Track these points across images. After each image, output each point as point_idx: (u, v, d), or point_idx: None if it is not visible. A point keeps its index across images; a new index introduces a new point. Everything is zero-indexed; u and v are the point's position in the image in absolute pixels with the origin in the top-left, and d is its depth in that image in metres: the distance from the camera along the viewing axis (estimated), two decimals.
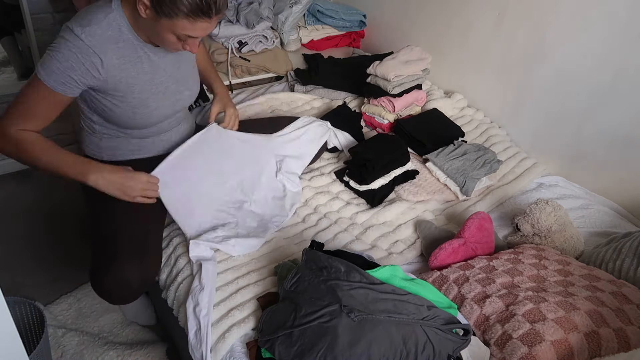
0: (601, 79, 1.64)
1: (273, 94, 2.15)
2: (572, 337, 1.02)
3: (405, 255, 1.46)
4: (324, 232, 1.51)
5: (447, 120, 1.96)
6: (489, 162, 1.71)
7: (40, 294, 1.82)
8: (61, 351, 1.63)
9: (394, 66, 1.91)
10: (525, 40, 1.86)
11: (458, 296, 1.20)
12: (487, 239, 1.39)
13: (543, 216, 1.41)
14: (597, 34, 1.62)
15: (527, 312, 1.08)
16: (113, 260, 1.24)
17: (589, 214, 1.63)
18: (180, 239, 1.44)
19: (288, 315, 1.03)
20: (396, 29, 2.47)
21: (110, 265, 1.23)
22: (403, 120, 1.91)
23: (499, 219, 1.62)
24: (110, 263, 1.24)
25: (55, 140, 2.58)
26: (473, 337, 1.09)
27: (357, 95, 2.20)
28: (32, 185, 2.41)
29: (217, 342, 1.18)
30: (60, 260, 1.98)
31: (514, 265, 1.25)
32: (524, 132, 1.96)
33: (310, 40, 2.59)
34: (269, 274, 1.34)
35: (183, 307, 1.27)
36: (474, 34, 2.05)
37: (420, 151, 1.81)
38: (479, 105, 2.14)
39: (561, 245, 1.43)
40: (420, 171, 1.73)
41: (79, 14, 1.23)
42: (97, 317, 1.75)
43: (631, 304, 1.12)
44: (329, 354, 0.94)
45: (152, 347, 1.64)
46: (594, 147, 1.73)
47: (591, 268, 1.27)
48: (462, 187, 1.66)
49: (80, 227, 2.10)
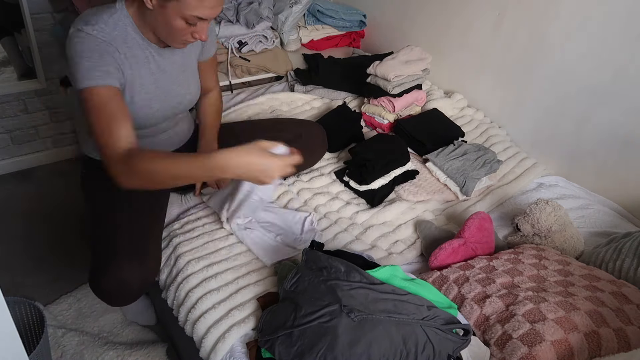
0: (601, 79, 1.64)
1: (273, 94, 2.15)
2: (572, 337, 1.02)
3: (405, 255, 1.46)
4: (324, 233, 1.51)
5: (447, 120, 1.96)
6: (489, 162, 1.71)
7: (40, 294, 1.82)
8: (61, 351, 1.63)
9: (394, 66, 1.91)
10: (525, 40, 1.86)
11: (458, 296, 1.20)
12: (487, 239, 1.39)
13: (543, 216, 1.41)
14: (597, 34, 1.62)
15: (527, 312, 1.08)
16: (112, 260, 1.23)
17: (589, 214, 1.63)
18: (181, 239, 1.44)
19: (288, 315, 1.03)
20: (396, 29, 2.47)
21: (109, 265, 1.23)
22: (403, 120, 1.91)
23: (499, 219, 1.62)
24: (110, 264, 1.23)
25: (55, 140, 2.56)
26: (473, 337, 1.09)
27: (357, 95, 2.20)
28: (32, 185, 2.41)
29: (217, 342, 1.18)
30: (60, 260, 1.98)
31: (514, 265, 1.25)
32: (524, 132, 1.96)
33: (310, 40, 2.59)
34: (269, 274, 1.34)
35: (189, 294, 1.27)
36: (474, 34, 2.05)
37: (420, 151, 1.81)
38: (479, 105, 2.14)
39: (561, 245, 1.43)
40: (420, 171, 1.73)
41: (82, 16, 1.21)
42: (97, 317, 1.75)
43: (631, 304, 1.12)
44: (329, 354, 0.94)
45: (152, 347, 1.64)
46: (594, 147, 1.73)
47: (591, 268, 1.27)
48: (462, 187, 1.66)
49: (80, 227, 2.10)
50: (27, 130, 2.44)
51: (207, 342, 1.20)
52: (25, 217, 2.19)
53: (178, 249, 1.41)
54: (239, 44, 2.22)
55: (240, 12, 2.22)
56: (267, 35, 2.27)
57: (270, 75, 2.36)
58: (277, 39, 2.38)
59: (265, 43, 2.28)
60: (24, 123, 2.42)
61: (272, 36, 2.29)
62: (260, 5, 2.24)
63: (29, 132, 2.45)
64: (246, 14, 2.20)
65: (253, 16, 2.19)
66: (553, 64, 1.78)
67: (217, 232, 1.46)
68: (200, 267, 1.36)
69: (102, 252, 1.28)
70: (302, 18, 2.58)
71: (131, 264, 1.24)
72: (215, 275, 1.33)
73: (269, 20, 2.28)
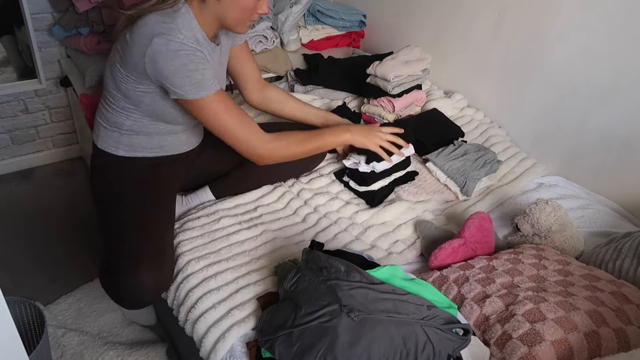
0: (601, 79, 1.65)
1: None
2: (572, 337, 1.02)
3: (405, 255, 1.46)
4: (324, 232, 1.51)
5: (447, 120, 1.96)
6: (489, 162, 1.71)
7: (40, 294, 1.82)
8: (61, 351, 1.63)
9: (394, 66, 1.91)
10: (525, 40, 1.86)
11: (458, 296, 1.20)
12: (487, 239, 1.39)
13: (543, 216, 1.41)
14: (597, 34, 1.62)
15: (527, 312, 1.08)
16: (136, 267, 1.23)
17: (589, 214, 1.63)
18: (181, 239, 1.44)
19: (288, 315, 1.03)
20: (396, 29, 2.47)
21: (131, 271, 1.23)
22: (403, 121, 1.91)
23: (499, 219, 1.62)
24: (133, 270, 1.23)
25: (55, 140, 2.57)
26: (473, 337, 1.09)
27: (357, 95, 2.20)
28: (32, 185, 2.41)
29: (217, 342, 1.18)
30: (60, 260, 1.98)
31: (513, 265, 1.25)
32: (524, 132, 1.96)
33: (310, 40, 2.59)
34: (269, 274, 1.34)
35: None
36: (474, 34, 2.05)
37: (420, 151, 1.81)
38: (479, 105, 2.14)
39: (561, 245, 1.43)
40: (420, 171, 1.73)
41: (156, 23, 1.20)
42: (97, 317, 1.75)
43: (631, 304, 1.12)
44: (329, 353, 0.94)
45: (152, 347, 1.64)
46: (594, 147, 1.73)
47: (591, 268, 1.27)
48: (462, 187, 1.66)
49: (81, 227, 2.10)
50: (27, 130, 2.45)
51: (207, 341, 1.20)
52: (25, 217, 2.19)
53: (178, 248, 1.41)
54: None
55: None
56: (267, 35, 2.27)
57: (270, 75, 2.36)
58: (277, 39, 2.38)
59: (265, 43, 2.28)
60: (24, 123, 2.42)
61: (272, 36, 2.29)
62: None
63: (29, 132, 2.46)
64: None
65: None
66: (553, 64, 1.78)
67: (217, 232, 1.46)
68: (200, 267, 1.36)
69: (122, 256, 1.27)
70: (302, 18, 2.58)
71: (153, 271, 1.25)
72: (215, 275, 1.33)
73: (269, 20, 2.28)
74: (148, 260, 1.25)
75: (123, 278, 1.23)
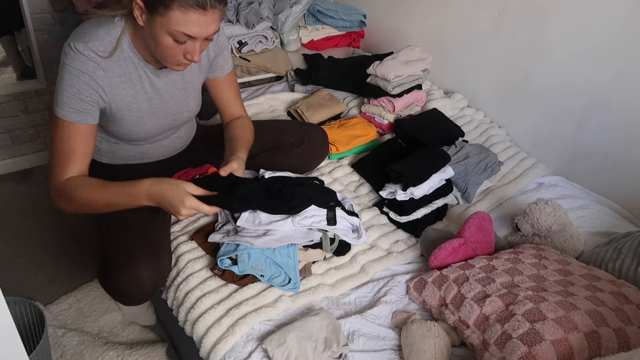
0: (601, 79, 1.64)
1: (273, 94, 2.15)
2: (572, 336, 1.02)
3: (406, 255, 1.46)
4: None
5: (447, 120, 1.96)
6: (491, 165, 1.70)
7: (40, 294, 1.82)
8: (61, 351, 1.63)
9: (394, 66, 1.91)
10: (525, 40, 1.86)
11: (458, 295, 1.20)
12: (487, 239, 1.39)
13: (543, 216, 1.41)
14: (597, 34, 1.62)
15: (527, 311, 1.08)
16: (130, 260, 1.23)
17: (589, 214, 1.63)
18: (181, 239, 1.44)
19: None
20: (396, 29, 2.47)
21: (127, 265, 1.23)
22: (403, 120, 1.91)
23: (499, 219, 1.62)
24: (127, 263, 1.23)
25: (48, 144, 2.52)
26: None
27: (357, 96, 2.19)
28: (32, 185, 2.41)
29: (217, 341, 1.18)
30: (60, 260, 1.98)
31: (513, 264, 1.25)
32: (524, 132, 1.96)
33: (310, 40, 2.59)
34: None
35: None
36: (474, 34, 2.05)
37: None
38: (479, 105, 2.14)
39: (561, 245, 1.43)
40: None
41: (80, 28, 1.21)
42: (97, 317, 1.75)
43: (631, 304, 1.12)
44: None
45: (152, 347, 1.64)
46: (594, 147, 1.73)
47: (591, 268, 1.27)
48: (463, 192, 1.65)
49: (81, 227, 2.09)
50: (27, 130, 2.44)
51: (206, 342, 1.20)
52: (26, 217, 2.19)
53: (178, 249, 1.42)
54: (239, 44, 2.23)
55: (240, 12, 2.22)
56: (267, 35, 2.27)
57: (270, 75, 2.36)
58: (277, 39, 2.38)
59: (265, 43, 2.28)
60: (24, 123, 2.42)
61: (272, 36, 2.29)
62: (260, 6, 2.24)
63: (29, 132, 2.45)
64: (246, 14, 2.20)
65: (253, 16, 2.19)
66: (553, 64, 1.78)
67: None
68: (199, 267, 1.36)
69: (117, 252, 1.28)
70: (302, 18, 2.58)
71: (148, 264, 1.24)
72: (214, 276, 1.33)
73: (269, 20, 2.28)
74: (143, 254, 1.25)
75: (119, 273, 1.24)
